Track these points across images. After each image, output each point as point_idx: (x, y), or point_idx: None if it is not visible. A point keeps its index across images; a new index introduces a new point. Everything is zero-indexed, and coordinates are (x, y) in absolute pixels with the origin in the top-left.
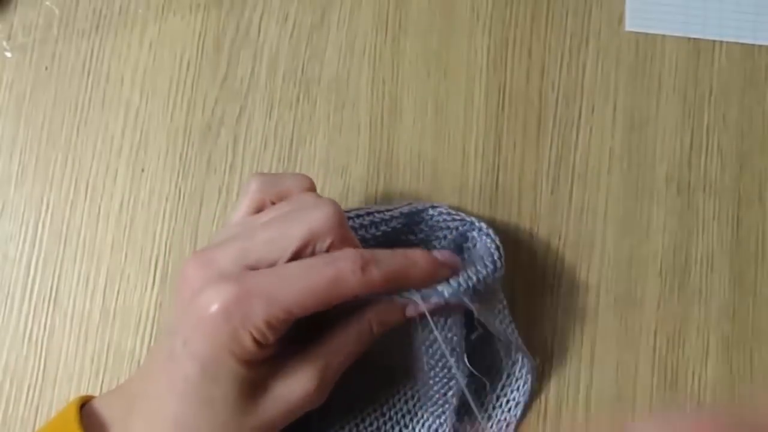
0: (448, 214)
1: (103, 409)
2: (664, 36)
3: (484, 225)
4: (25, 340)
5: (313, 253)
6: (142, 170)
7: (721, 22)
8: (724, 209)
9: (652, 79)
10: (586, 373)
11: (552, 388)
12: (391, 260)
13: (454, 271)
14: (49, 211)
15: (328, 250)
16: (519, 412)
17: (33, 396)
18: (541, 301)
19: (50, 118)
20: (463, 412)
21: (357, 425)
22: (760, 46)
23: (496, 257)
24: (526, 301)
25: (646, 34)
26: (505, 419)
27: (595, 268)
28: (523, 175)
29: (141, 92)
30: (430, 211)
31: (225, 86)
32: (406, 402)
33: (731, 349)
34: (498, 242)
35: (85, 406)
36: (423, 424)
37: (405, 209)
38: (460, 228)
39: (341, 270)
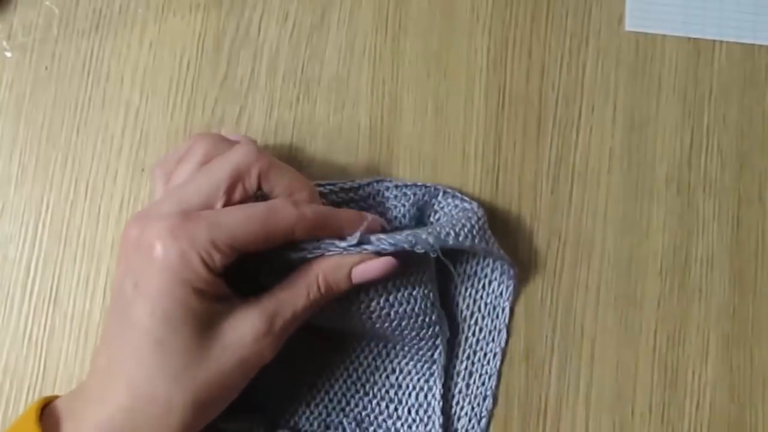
0: (396, 186)
1: (60, 405)
2: (664, 36)
3: (447, 188)
4: (25, 341)
5: (244, 193)
6: (142, 170)
7: (721, 22)
8: (724, 209)
9: (652, 79)
10: (586, 373)
11: (552, 387)
12: (320, 206)
13: (378, 224)
14: (49, 211)
15: (259, 186)
16: (498, 363)
17: (33, 396)
18: (541, 301)
19: (50, 118)
20: (446, 376)
21: (343, 409)
22: (760, 46)
23: (471, 213)
24: (526, 300)
25: (646, 34)
26: (486, 371)
27: (595, 268)
28: (523, 175)
29: (141, 92)
30: (376, 186)
31: (225, 86)
32: (388, 377)
33: (731, 348)
34: (468, 199)
35: (47, 405)
36: (410, 394)
37: (347, 184)
38: (419, 195)
39: (275, 203)
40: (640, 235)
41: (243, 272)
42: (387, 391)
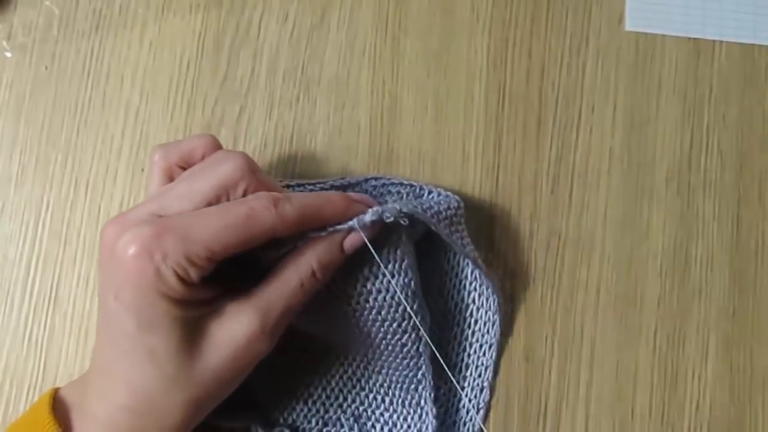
0: (392, 184)
1: (68, 395)
2: (664, 36)
3: (433, 188)
4: (25, 340)
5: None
6: (142, 170)
7: (721, 22)
8: (724, 209)
9: (652, 79)
10: (586, 373)
11: (552, 388)
12: (304, 198)
13: (366, 205)
14: (49, 211)
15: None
16: (494, 354)
17: (33, 396)
18: (541, 301)
19: (50, 118)
20: (440, 368)
21: (341, 405)
22: (760, 46)
23: (451, 200)
24: (526, 300)
25: (646, 34)
26: (483, 363)
27: (595, 268)
28: (523, 175)
29: (141, 92)
30: (373, 182)
31: (225, 86)
32: (380, 372)
33: (731, 349)
34: (452, 194)
35: (56, 395)
36: (401, 388)
37: (338, 182)
38: (409, 192)
39: (254, 207)
40: (640, 235)
41: (233, 263)
42: (381, 386)
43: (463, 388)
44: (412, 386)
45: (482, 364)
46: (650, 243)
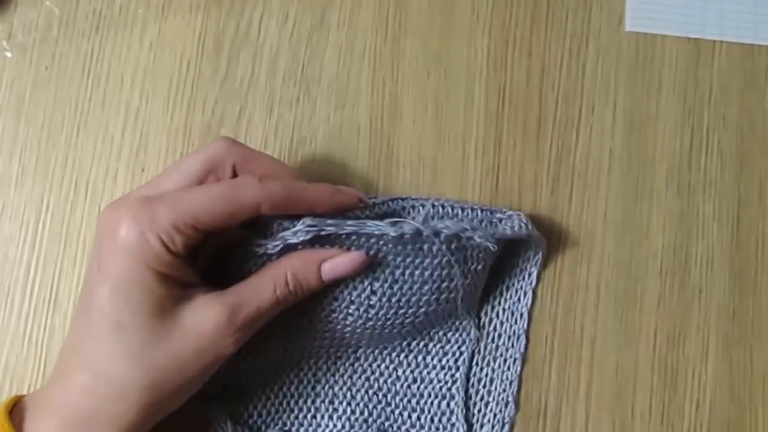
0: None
1: (30, 398)
2: (664, 36)
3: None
4: (25, 341)
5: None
6: (142, 170)
7: (721, 22)
8: (724, 209)
9: (652, 79)
10: (586, 373)
11: (552, 388)
12: (289, 182)
13: (353, 197)
14: (49, 211)
15: (234, 175)
16: (519, 368)
17: None
18: (541, 301)
19: (50, 118)
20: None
21: (366, 420)
22: (760, 46)
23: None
24: None
25: (646, 34)
26: (507, 377)
27: (595, 268)
28: (523, 175)
29: (141, 92)
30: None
31: (225, 86)
32: (410, 386)
33: (731, 349)
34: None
35: (18, 401)
36: (432, 403)
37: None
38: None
39: (239, 180)
40: (640, 235)
41: (218, 268)
42: (409, 401)
43: (488, 403)
44: (444, 401)
45: (507, 378)
46: (650, 243)
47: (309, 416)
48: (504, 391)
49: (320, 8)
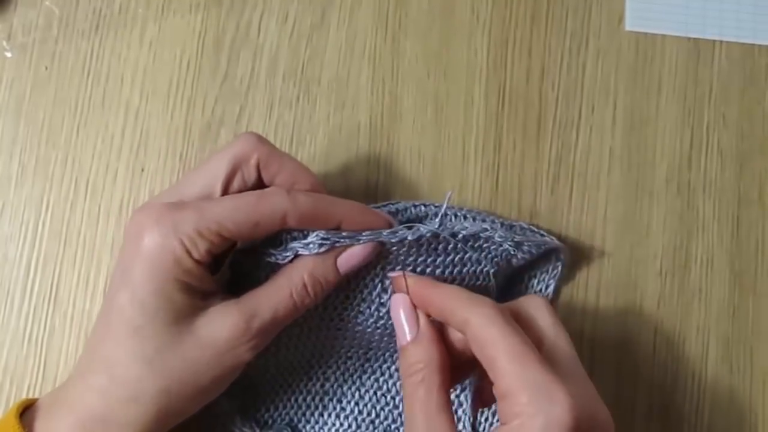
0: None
1: (43, 400)
2: (664, 36)
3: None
4: (25, 340)
5: (243, 184)
6: (142, 170)
7: (721, 22)
8: (724, 209)
9: (652, 79)
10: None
11: None
12: (317, 195)
13: (383, 220)
14: (49, 211)
15: (259, 176)
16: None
17: (33, 396)
18: None
19: (50, 118)
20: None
21: (372, 422)
22: (760, 46)
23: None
24: None
25: (646, 34)
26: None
27: (595, 268)
28: (523, 175)
29: (141, 92)
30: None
31: (225, 86)
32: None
33: (731, 349)
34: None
35: (32, 404)
36: None
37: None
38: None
39: (266, 191)
40: (640, 236)
41: (240, 278)
42: None
43: (495, 413)
44: (452, 406)
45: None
46: (650, 243)
47: (316, 414)
48: None
49: (320, 8)
